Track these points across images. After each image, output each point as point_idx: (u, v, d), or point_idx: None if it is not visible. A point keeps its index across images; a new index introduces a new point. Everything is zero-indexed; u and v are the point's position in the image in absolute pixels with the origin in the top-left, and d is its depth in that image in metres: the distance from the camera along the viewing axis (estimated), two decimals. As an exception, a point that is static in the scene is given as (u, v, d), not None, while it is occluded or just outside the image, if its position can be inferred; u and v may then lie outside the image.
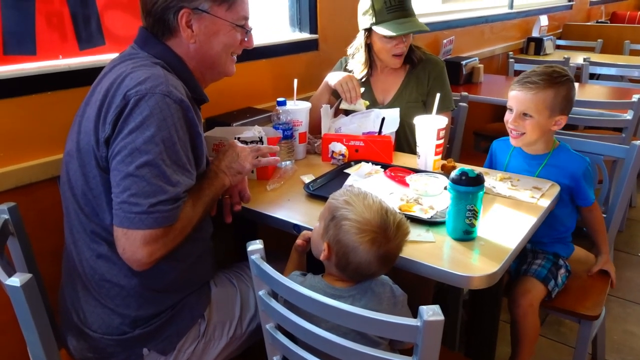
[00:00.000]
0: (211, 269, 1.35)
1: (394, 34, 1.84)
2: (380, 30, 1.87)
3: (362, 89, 1.90)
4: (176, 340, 1.23)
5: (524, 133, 1.58)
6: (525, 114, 1.56)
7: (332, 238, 1.07)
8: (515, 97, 1.58)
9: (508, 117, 1.61)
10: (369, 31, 1.93)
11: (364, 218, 1.04)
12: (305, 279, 1.17)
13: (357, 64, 2.03)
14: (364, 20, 1.93)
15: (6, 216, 1.24)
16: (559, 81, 1.54)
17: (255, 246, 1.07)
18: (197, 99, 1.25)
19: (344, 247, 1.05)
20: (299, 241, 1.26)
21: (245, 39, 1.28)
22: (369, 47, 1.98)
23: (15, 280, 0.96)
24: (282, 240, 1.46)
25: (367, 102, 1.91)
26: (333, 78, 1.90)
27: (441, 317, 0.82)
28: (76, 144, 1.15)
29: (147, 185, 1.04)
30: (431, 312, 0.82)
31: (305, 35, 2.30)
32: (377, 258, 1.05)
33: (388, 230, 1.04)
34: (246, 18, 1.26)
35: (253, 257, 1.06)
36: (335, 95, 1.97)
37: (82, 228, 1.17)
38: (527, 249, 1.69)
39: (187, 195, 1.14)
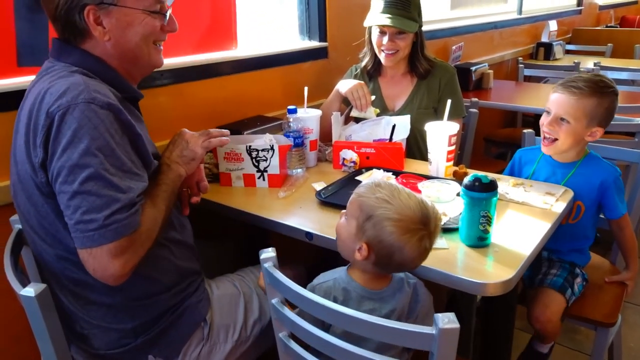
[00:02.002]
0: (195, 265, 1.31)
1: (371, 24, 1.92)
2: (366, 21, 1.94)
3: (373, 97, 1.91)
4: (180, 345, 1.22)
5: (557, 139, 1.53)
6: (562, 119, 1.51)
7: (372, 239, 1.03)
8: (556, 100, 1.53)
9: (544, 119, 1.56)
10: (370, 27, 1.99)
11: (407, 216, 1.01)
12: (334, 281, 1.14)
13: (364, 60, 2.08)
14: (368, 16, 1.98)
15: (20, 226, 1.25)
16: (604, 91, 1.49)
17: (268, 254, 1.06)
18: (129, 98, 1.19)
19: (388, 247, 1.02)
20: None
21: (165, 23, 1.18)
22: (372, 44, 2.01)
23: (29, 291, 0.97)
24: (294, 248, 1.46)
25: (378, 110, 1.91)
26: (344, 86, 1.91)
27: (457, 325, 0.82)
28: (17, 175, 1.11)
29: (97, 198, 0.99)
30: (447, 320, 0.82)
31: (315, 44, 2.31)
32: (420, 254, 1.04)
33: (430, 224, 1.02)
34: (160, 1, 1.16)
35: (266, 265, 1.05)
36: (346, 102, 1.98)
37: (52, 259, 1.13)
38: (543, 257, 1.67)
39: (144, 198, 1.08)
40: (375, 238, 1.03)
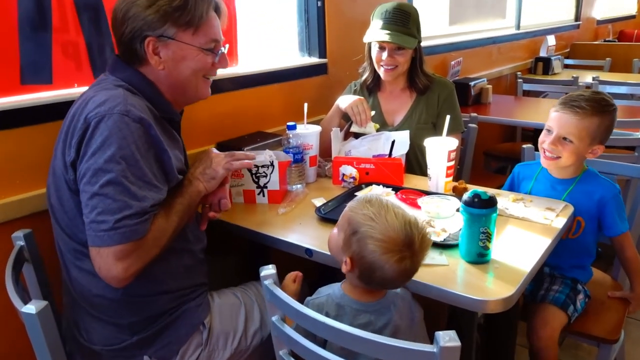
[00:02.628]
0: (202, 278, 1.35)
1: (370, 40, 1.95)
2: (365, 37, 1.97)
3: (373, 112, 1.92)
4: (176, 347, 1.24)
5: (559, 157, 1.53)
6: (565, 138, 1.50)
7: (355, 254, 1.05)
8: (558, 119, 1.52)
9: (545, 138, 1.55)
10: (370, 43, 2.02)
11: (389, 237, 1.02)
12: (327, 297, 1.15)
13: (363, 75, 2.10)
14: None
15: (22, 243, 1.26)
16: (606, 110, 1.49)
17: (268, 271, 1.07)
18: (167, 118, 1.26)
19: (369, 264, 1.03)
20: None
21: (216, 61, 1.28)
22: (372, 60, 2.03)
23: (30, 308, 0.97)
24: (296, 263, 1.46)
25: (378, 125, 1.92)
26: (344, 101, 1.92)
27: (458, 343, 0.81)
28: (52, 169, 1.20)
29: (113, 202, 1.06)
30: (447, 338, 0.81)
31: (315, 60, 2.33)
32: (401, 274, 1.04)
33: (413, 246, 1.03)
34: (216, 40, 1.26)
35: (266, 282, 1.05)
36: (345, 118, 1.99)
37: (67, 248, 1.20)
38: (545, 273, 1.66)
39: (159, 208, 1.14)
40: (358, 254, 1.05)
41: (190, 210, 1.25)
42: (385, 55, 1.93)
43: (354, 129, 1.92)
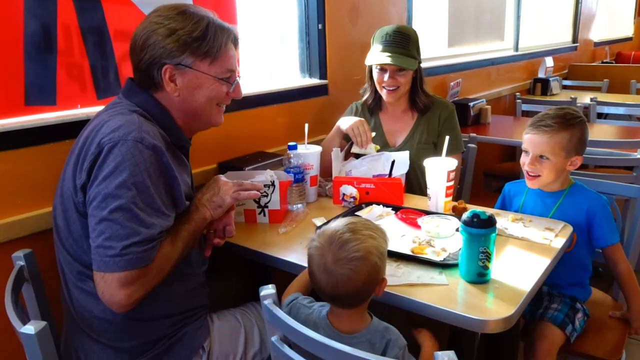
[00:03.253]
0: (203, 300, 1.35)
1: (371, 63, 1.98)
2: (367, 60, 2.00)
3: (374, 134, 1.94)
4: None
5: (540, 175, 1.57)
6: (541, 156, 1.56)
7: None
8: (531, 140, 1.58)
9: (524, 159, 1.61)
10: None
11: (323, 230, 1.11)
12: (311, 312, 1.16)
13: (364, 96, 2.13)
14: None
15: (22, 263, 1.26)
16: (572, 123, 1.55)
17: (268, 291, 1.07)
18: (177, 145, 1.28)
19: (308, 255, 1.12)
20: None
21: (231, 91, 1.31)
22: (373, 82, 2.06)
23: (29, 328, 0.97)
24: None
25: (378, 146, 1.94)
26: (345, 122, 1.94)
27: (457, 364, 0.81)
28: (60, 189, 1.20)
29: (121, 228, 1.06)
30: (447, 358, 0.81)
31: (315, 81, 2.36)
32: (319, 268, 1.08)
33: (331, 245, 1.07)
34: (231, 71, 1.28)
35: (266, 302, 1.05)
36: (346, 138, 2.01)
37: (69, 269, 1.20)
38: (543, 291, 1.66)
39: (166, 234, 1.15)
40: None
41: (195, 236, 1.26)
42: (387, 77, 1.96)
43: (355, 149, 1.93)
